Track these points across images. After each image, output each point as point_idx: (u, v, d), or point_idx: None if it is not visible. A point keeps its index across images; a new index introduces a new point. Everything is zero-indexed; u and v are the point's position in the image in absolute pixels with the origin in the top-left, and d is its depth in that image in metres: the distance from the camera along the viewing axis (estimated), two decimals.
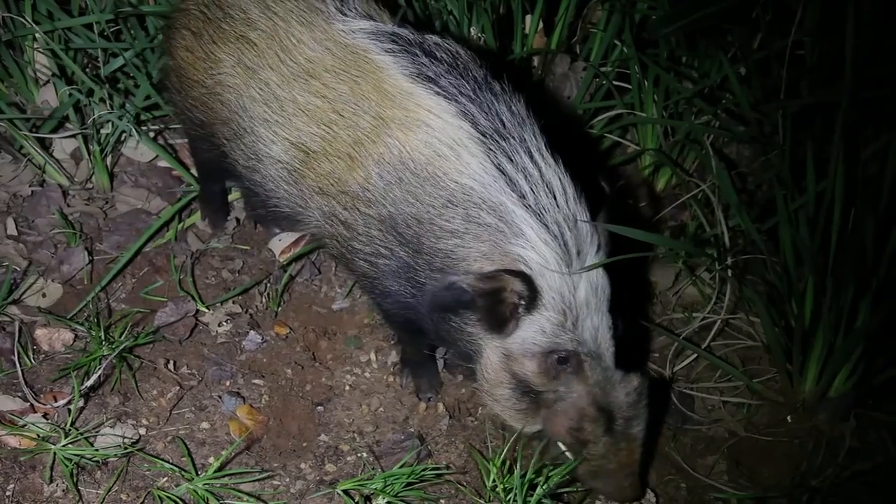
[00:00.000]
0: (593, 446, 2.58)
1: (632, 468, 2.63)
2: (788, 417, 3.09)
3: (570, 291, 2.48)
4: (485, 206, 2.48)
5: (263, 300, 3.31)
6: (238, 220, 3.53)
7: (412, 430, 2.99)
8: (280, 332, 3.23)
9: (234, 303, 3.27)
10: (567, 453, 2.62)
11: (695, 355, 3.21)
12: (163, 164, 3.62)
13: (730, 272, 3.19)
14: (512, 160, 2.49)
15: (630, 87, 3.55)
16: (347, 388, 3.11)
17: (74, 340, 3.08)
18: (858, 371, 2.97)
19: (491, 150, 2.50)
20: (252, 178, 2.91)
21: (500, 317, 2.50)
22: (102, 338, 2.99)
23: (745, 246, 3.28)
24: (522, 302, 2.47)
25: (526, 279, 2.43)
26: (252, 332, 3.20)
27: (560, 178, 2.51)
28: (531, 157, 2.51)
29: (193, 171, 3.55)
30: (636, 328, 3.15)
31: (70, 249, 3.32)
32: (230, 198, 3.54)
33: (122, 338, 3.03)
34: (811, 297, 2.94)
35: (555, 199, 2.49)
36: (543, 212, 2.47)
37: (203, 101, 2.96)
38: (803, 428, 3.07)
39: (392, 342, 3.21)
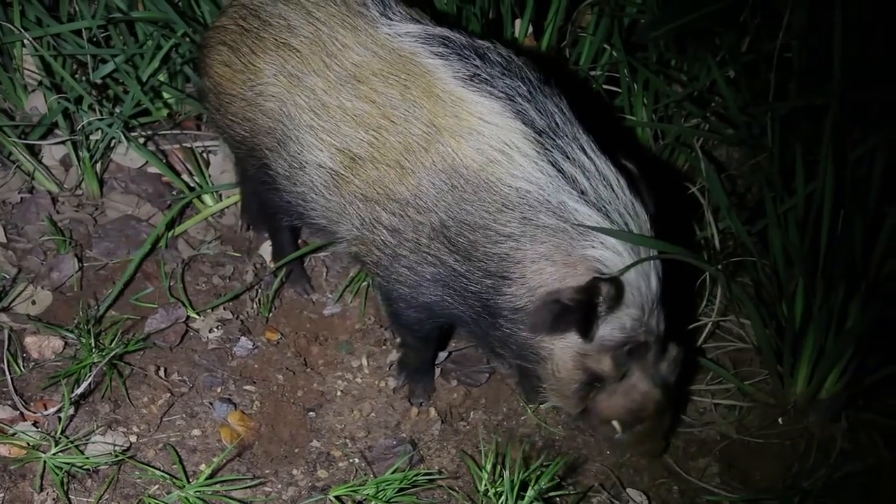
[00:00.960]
0: (648, 420, 2.70)
1: (666, 430, 2.83)
2: (780, 419, 3.09)
3: (645, 285, 2.53)
4: (542, 208, 2.49)
5: (254, 306, 3.30)
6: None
7: (404, 435, 2.99)
8: (271, 338, 3.22)
9: (224, 309, 3.26)
10: (618, 428, 2.71)
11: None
12: (153, 170, 3.61)
13: (720, 274, 3.19)
14: (569, 157, 2.50)
15: (620, 90, 3.56)
16: (339, 393, 3.10)
17: (64, 348, 3.07)
18: (849, 372, 2.98)
19: (547, 148, 2.50)
20: (293, 189, 2.86)
21: (591, 323, 2.50)
22: (93, 345, 2.98)
23: (735, 248, 3.29)
24: (607, 303, 2.49)
25: (616, 282, 2.46)
26: (243, 338, 3.19)
27: (613, 170, 2.54)
28: (585, 152, 2.53)
29: (184, 176, 3.55)
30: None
31: (60, 256, 3.31)
32: (225, 203, 3.52)
33: (113, 345, 3.02)
34: (801, 299, 2.94)
35: (613, 190, 2.51)
36: (607, 206, 2.49)
37: (244, 114, 2.90)
38: (795, 430, 3.07)
39: (384, 347, 3.21)
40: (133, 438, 2.88)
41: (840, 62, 2.99)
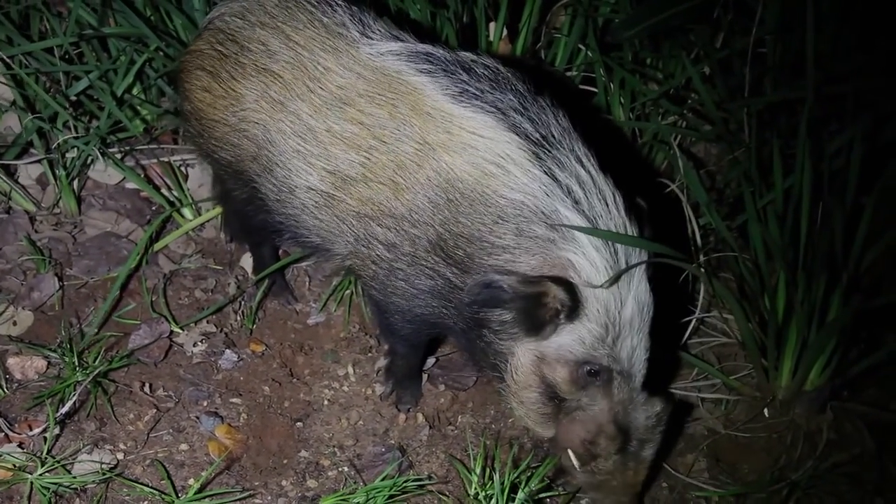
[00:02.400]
0: (603, 462, 2.58)
1: (634, 489, 2.65)
2: (766, 412, 3.10)
3: (616, 307, 2.46)
4: (536, 218, 2.47)
5: (238, 318, 3.29)
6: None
7: (392, 441, 2.99)
8: (256, 350, 3.21)
9: (208, 322, 3.25)
10: (574, 462, 2.60)
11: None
12: (131, 185, 3.59)
13: (702, 270, 3.21)
14: (564, 167, 2.48)
15: (596, 90, 3.57)
16: (326, 402, 3.10)
17: (48, 367, 3.04)
18: (833, 364, 3.00)
19: (541, 158, 2.48)
20: (283, 211, 2.85)
21: (537, 320, 2.48)
22: (76, 363, 2.96)
23: (716, 244, 3.31)
24: (564, 309, 2.45)
25: (569, 288, 2.42)
26: (228, 351, 3.18)
27: (609, 187, 2.51)
28: (582, 164, 2.50)
29: (163, 191, 3.53)
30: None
31: (40, 276, 3.29)
32: (205, 216, 3.51)
33: (97, 363, 3.01)
34: (783, 293, 2.96)
35: (607, 206, 2.49)
36: (597, 218, 2.47)
37: (227, 140, 2.88)
38: (781, 422, 3.09)
39: (370, 354, 3.21)
40: (120, 456, 2.86)
41: (814, 56, 3.01)
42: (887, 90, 3.12)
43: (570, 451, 2.60)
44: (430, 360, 3.19)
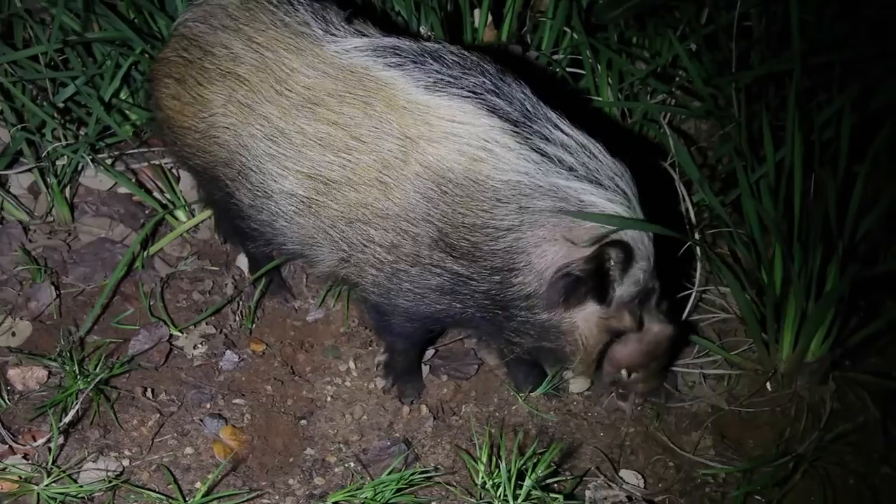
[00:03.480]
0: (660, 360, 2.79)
1: (666, 368, 2.95)
2: (768, 386, 3.11)
3: (646, 236, 2.58)
4: (536, 193, 2.51)
5: (237, 318, 3.29)
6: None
7: (397, 435, 2.99)
8: (256, 349, 3.21)
9: (207, 324, 3.25)
10: (624, 375, 2.76)
11: None
12: (123, 190, 3.58)
13: (698, 248, 3.21)
14: (548, 139, 2.52)
15: (584, 72, 3.55)
16: (329, 398, 3.10)
17: (49, 377, 3.04)
18: (833, 334, 3.00)
19: (527, 136, 2.51)
20: (259, 217, 2.84)
21: (606, 288, 2.58)
22: (77, 372, 2.96)
23: (710, 220, 3.30)
24: (619, 265, 2.53)
25: (624, 246, 2.51)
26: (228, 352, 3.18)
27: (588, 139, 2.57)
28: (560, 129, 2.55)
29: (156, 194, 3.52)
30: None
31: (36, 286, 3.28)
32: (199, 217, 3.50)
33: (97, 370, 3.00)
34: (780, 265, 2.96)
35: (596, 158, 2.55)
36: (596, 175, 2.52)
37: (199, 146, 2.88)
38: (784, 395, 3.09)
39: (371, 348, 3.21)
40: (126, 462, 2.86)
41: (798, 27, 3.00)
42: (873, 57, 3.12)
43: (623, 371, 2.74)
44: (431, 352, 3.19)
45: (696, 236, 3.23)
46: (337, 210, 2.69)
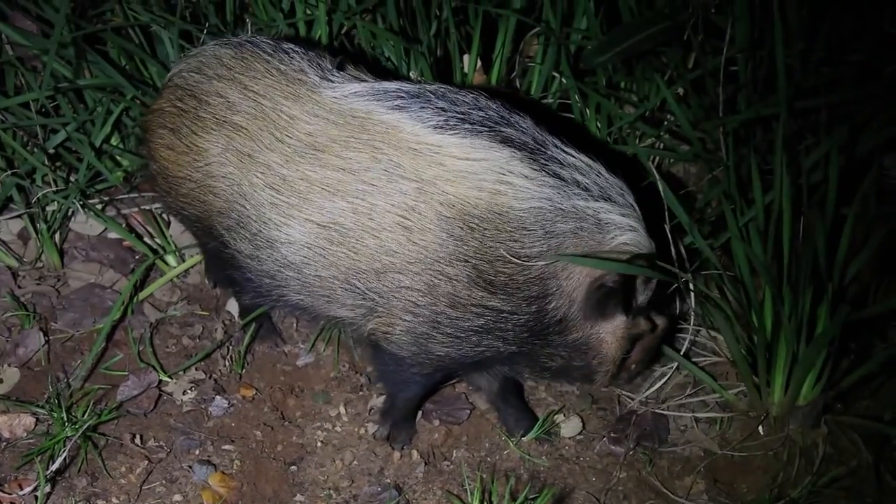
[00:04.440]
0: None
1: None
2: (760, 430, 3.09)
3: (651, 243, 2.69)
4: (558, 217, 2.57)
5: (227, 363, 3.27)
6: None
7: (388, 480, 2.96)
8: (246, 395, 3.19)
9: (196, 369, 3.23)
10: (640, 367, 2.97)
11: (665, 377, 3.22)
12: (113, 235, 3.57)
13: (691, 288, 3.21)
14: (562, 163, 2.59)
15: (573, 116, 3.58)
16: (319, 444, 3.07)
17: (36, 424, 3.02)
18: (824, 377, 2.99)
19: (543, 163, 2.57)
20: (260, 268, 2.80)
21: (631, 300, 2.73)
22: (65, 419, 2.94)
23: (701, 263, 3.30)
24: (644, 278, 2.70)
25: (650, 258, 2.65)
26: (218, 398, 3.16)
27: (593, 159, 2.66)
28: (569, 153, 2.63)
29: (146, 239, 3.52)
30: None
31: (25, 332, 3.27)
32: (189, 262, 3.49)
33: (86, 417, 2.98)
34: (770, 308, 2.96)
35: (604, 176, 2.65)
36: (609, 192, 2.62)
37: (194, 196, 2.86)
38: (776, 439, 3.08)
39: (361, 393, 3.19)
40: None
41: (784, 72, 3.04)
42: (859, 101, 3.14)
43: (633, 364, 2.90)
44: None
45: (688, 279, 3.23)
46: (357, 259, 2.65)
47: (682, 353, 3.21)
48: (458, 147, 2.56)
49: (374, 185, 2.60)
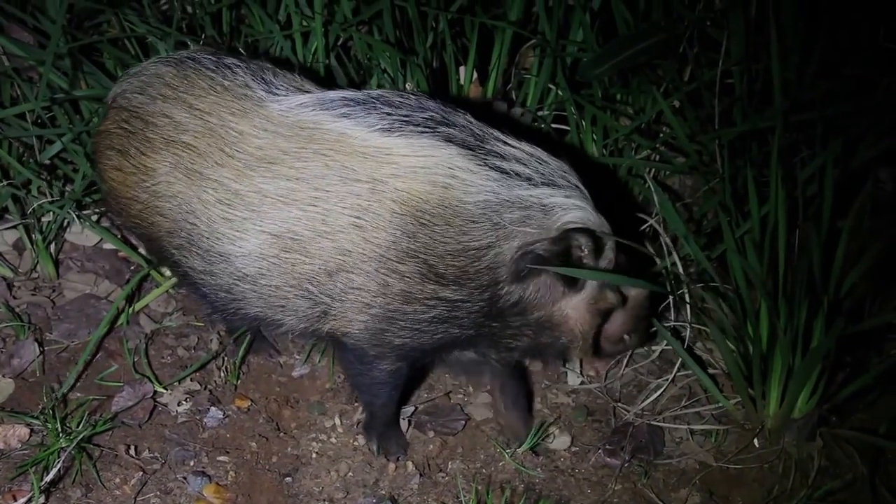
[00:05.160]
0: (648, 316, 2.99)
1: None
2: (756, 442, 3.09)
3: (604, 220, 2.70)
4: (504, 208, 2.60)
5: (222, 374, 3.27)
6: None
7: (383, 492, 2.96)
8: (241, 406, 3.18)
9: (192, 380, 3.22)
10: (628, 339, 2.96)
11: (661, 389, 3.22)
12: (109, 246, 3.57)
13: (687, 301, 3.22)
14: (503, 156, 2.63)
15: (568, 128, 3.59)
16: (314, 455, 3.07)
17: (31, 435, 3.00)
18: (819, 390, 2.99)
19: (484, 157, 2.61)
20: (215, 282, 2.80)
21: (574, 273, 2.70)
22: (59, 430, 2.93)
23: (697, 275, 3.31)
24: (591, 252, 2.64)
25: (590, 232, 2.63)
26: (213, 409, 3.15)
27: (533, 146, 2.70)
28: (508, 144, 2.66)
29: (141, 250, 3.52)
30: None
31: (19, 343, 3.26)
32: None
33: (80, 427, 2.97)
34: (766, 321, 2.97)
35: (545, 162, 2.67)
36: (550, 178, 2.65)
37: (143, 216, 2.85)
38: (771, 452, 3.08)
39: (357, 404, 3.19)
40: None
41: (780, 85, 3.05)
42: (854, 114, 3.16)
43: (626, 337, 2.93)
44: (414, 408, 3.18)
45: (683, 291, 3.24)
46: (311, 265, 2.68)
47: (676, 366, 3.21)
48: (408, 147, 2.60)
49: (327, 190, 2.62)
